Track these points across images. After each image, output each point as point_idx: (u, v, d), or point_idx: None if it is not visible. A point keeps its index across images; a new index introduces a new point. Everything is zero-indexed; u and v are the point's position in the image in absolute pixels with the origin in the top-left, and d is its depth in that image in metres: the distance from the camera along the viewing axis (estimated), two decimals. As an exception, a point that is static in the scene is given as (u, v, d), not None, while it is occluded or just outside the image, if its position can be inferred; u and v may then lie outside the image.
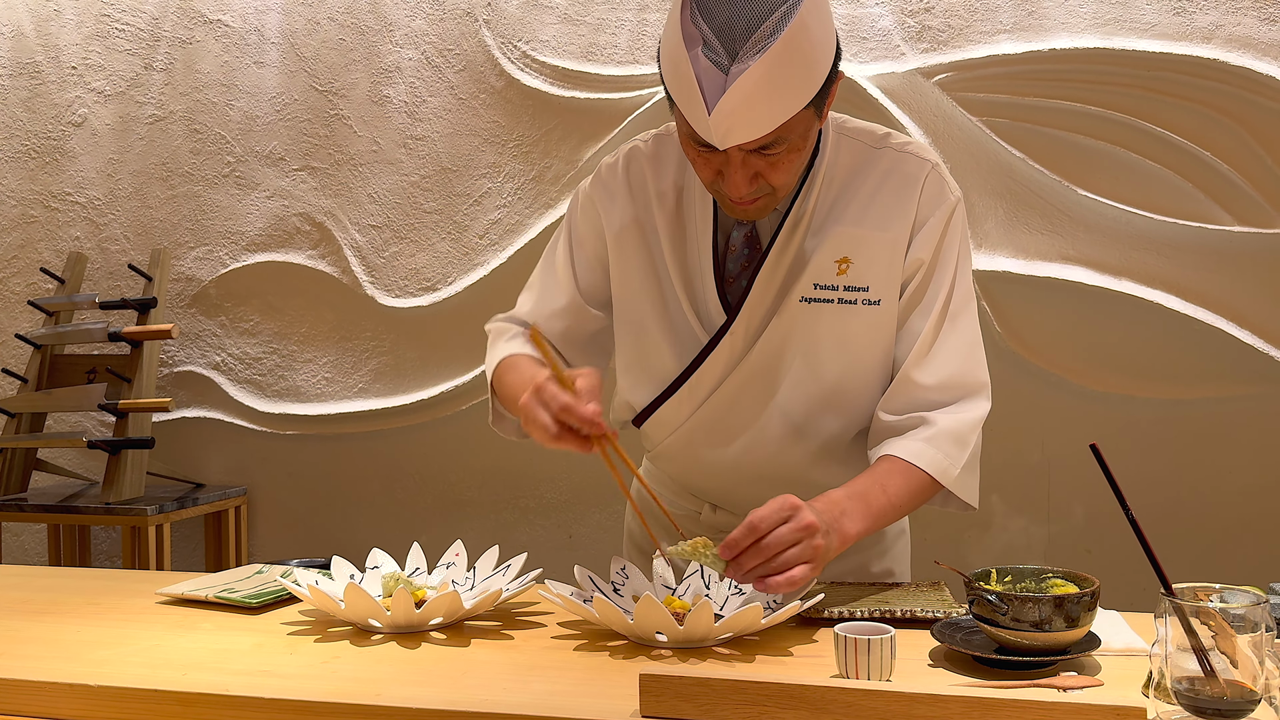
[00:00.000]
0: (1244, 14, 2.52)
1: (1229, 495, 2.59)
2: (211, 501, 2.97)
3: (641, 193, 1.46)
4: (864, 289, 1.38)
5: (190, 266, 3.13)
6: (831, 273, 1.37)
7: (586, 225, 1.50)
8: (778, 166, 1.28)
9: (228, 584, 1.49)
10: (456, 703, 1.04)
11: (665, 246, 1.43)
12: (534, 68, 2.89)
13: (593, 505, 2.92)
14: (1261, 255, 2.54)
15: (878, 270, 1.38)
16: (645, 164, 1.47)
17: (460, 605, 1.29)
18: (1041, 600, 1.09)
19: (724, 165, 1.28)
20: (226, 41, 3.08)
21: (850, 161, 1.40)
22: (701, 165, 1.31)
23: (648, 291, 1.45)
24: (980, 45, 2.64)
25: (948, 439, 1.34)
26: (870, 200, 1.38)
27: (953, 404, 1.37)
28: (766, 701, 0.96)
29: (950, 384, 1.38)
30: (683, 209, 1.44)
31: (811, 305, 1.38)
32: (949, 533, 2.66)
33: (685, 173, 1.44)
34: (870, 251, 1.37)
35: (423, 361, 3.01)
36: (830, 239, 1.37)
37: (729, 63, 1.20)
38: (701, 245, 1.42)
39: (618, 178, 1.47)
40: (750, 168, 1.27)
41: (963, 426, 1.35)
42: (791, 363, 1.40)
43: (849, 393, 1.42)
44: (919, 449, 1.33)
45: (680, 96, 1.25)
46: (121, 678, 1.14)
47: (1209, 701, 0.94)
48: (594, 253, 1.49)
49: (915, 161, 1.39)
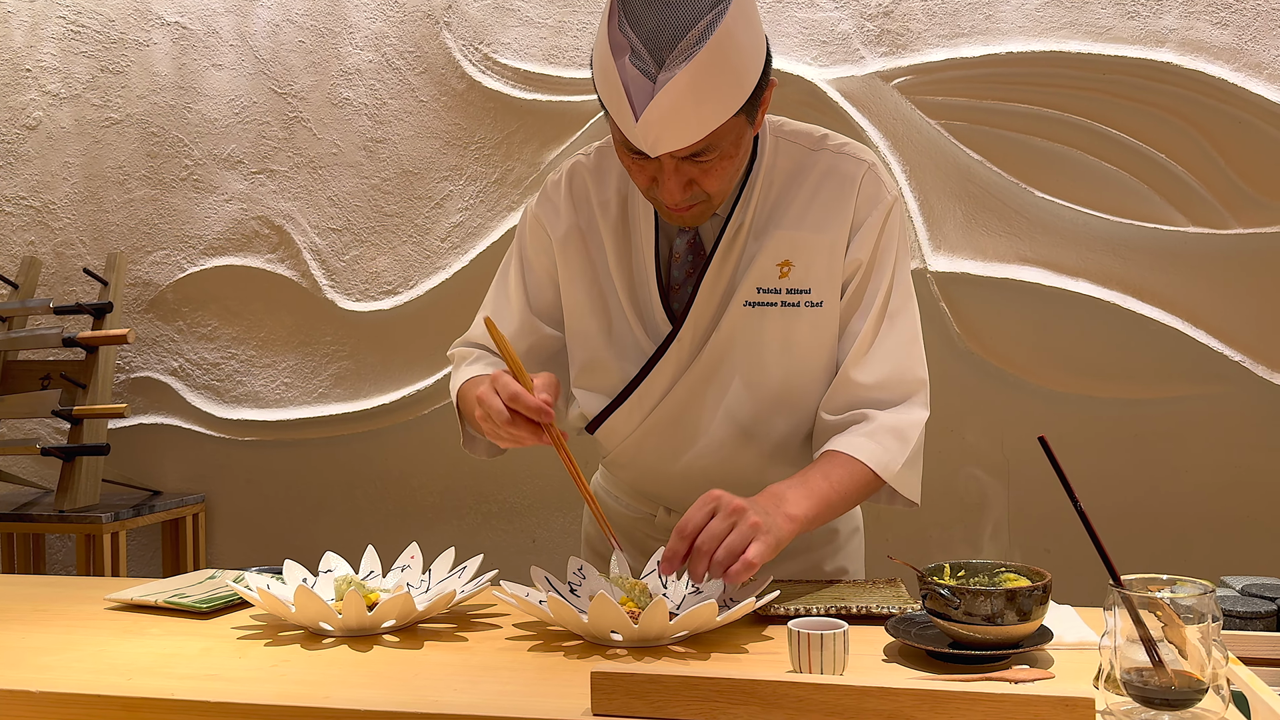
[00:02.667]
0: (1197, 18, 2.55)
1: (1185, 493, 2.62)
2: (169, 509, 2.93)
3: (585, 205, 1.47)
4: (806, 291, 1.38)
5: (147, 271, 3.09)
6: (774, 276, 1.38)
7: (535, 244, 1.51)
8: (710, 174, 1.28)
9: (178, 589, 1.47)
10: (406, 704, 1.03)
11: (610, 256, 1.44)
12: (495, 70, 2.88)
13: (556, 509, 2.90)
14: (1215, 256, 2.57)
15: (818, 272, 1.38)
16: (588, 176, 1.48)
17: (413, 607, 1.27)
18: (993, 594, 1.09)
19: (657, 172, 1.29)
20: (184, 44, 3.04)
21: (788, 165, 1.40)
22: (636, 172, 1.32)
23: (593, 302, 1.46)
24: (939, 49, 2.66)
25: (888, 434, 1.35)
26: (809, 203, 1.39)
27: (894, 403, 1.38)
28: (718, 697, 0.96)
29: (888, 382, 1.38)
30: (627, 218, 1.45)
31: (755, 309, 1.39)
32: (909, 532, 2.67)
33: (627, 182, 1.45)
34: (810, 253, 1.38)
35: (384, 366, 2.98)
36: (771, 242, 1.38)
37: (656, 71, 1.20)
38: (645, 254, 1.42)
39: (561, 192, 1.49)
40: (683, 175, 1.27)
41: (903, 424, 1.37)
42: (738, 367, 1.41)
43: (796, 394, 1.42)
44: (860, 443, 1.34)
45: (611, 104, 1.25)
46: (64, 683, 1.12)
47: (1157, 691, 0.94)
48: (544, 271, 1.50)
49: (852, 162, 1.40)
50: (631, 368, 1.44)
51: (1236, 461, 2.59)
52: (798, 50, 2.72)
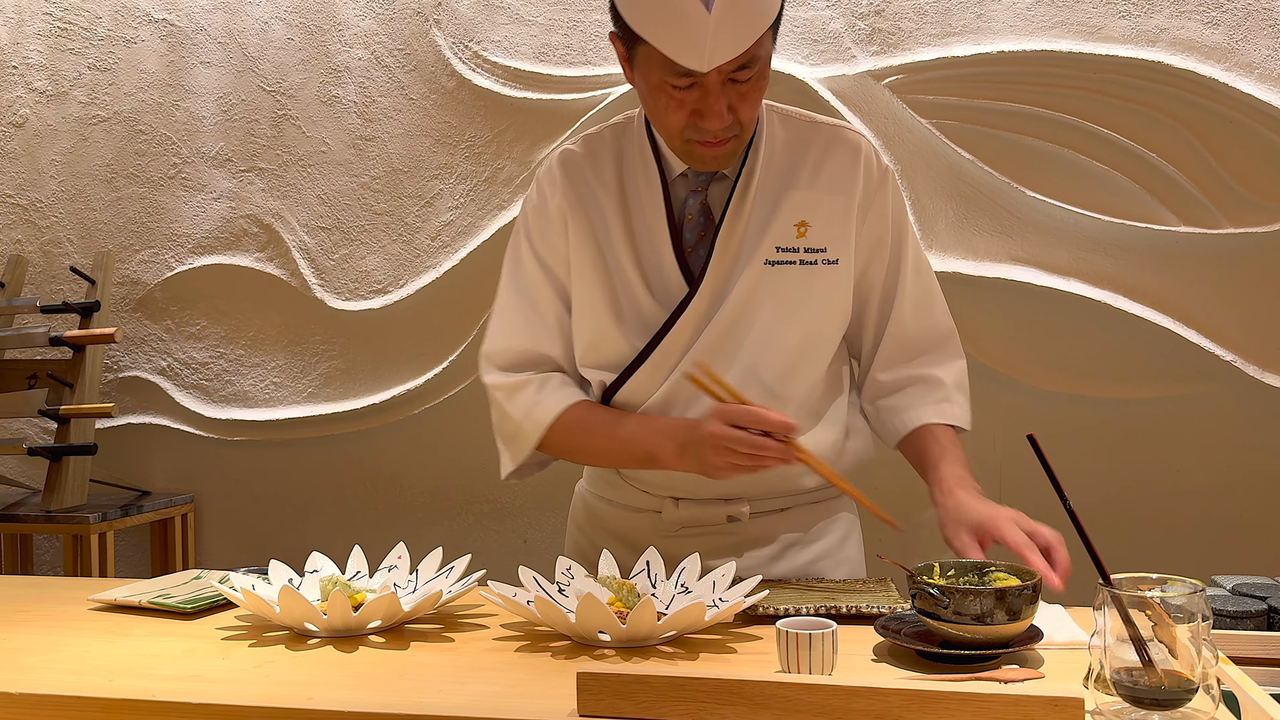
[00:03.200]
0: (1188, 18, 2.55)
1: (1176, 492, 2.62)
2: (157, 509, 2.91)
3: (583, 185, 1.49)
4: (822, 250, 1.45)
5: (135, 270, 3.07)
6: (791, 235, 1.43)
7: (544, 239, 1.50)
8: (747, 98, 1.33)
9: (163, 589, 1.46)
10: (391, 705, 1.02)
11: (614, 229, 1.46)
12: (486, 68, 2.87)
13: (547, 509, 2.89)
14: (1206, 256, 2.57)
15: (834, 231, 1.45)
16: (582, 163, 1.50)
17: (399, 608, 1.26)
18: (983, 593, 1.09)
19: (701, 100, 1.32)
20: (172, 41, 3.03)
21: (788, 135, 1.48)
22: (675, 109, 1.34)
23: (599, 277, 1.46)
24: (930, 48, 2.66)
25: (957, 391, 1.51)
26: (818, 167, 1.46)
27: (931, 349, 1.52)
28: (705, 697, 0.95)
29: (930, 331, 1.52)
30: (626, 193, 1.47)
31: (776, 267, 1.43)
32: (901, 531, 2.66)
33: (623, 163, 1.49)
34: (826, 213, 1.44)
35: (374, 365, 2.97)
36: (787, 204, 1.44)
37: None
38: (655, 222, 1.45)
39: (557, 181, 1.49)
40: (726, 98, 1.32)
41: (961, 378, 1.53)
42: (758, 324, 1.44)
43: (813, 351, 1.48)
44: (946, 409, 1.49)
45: (659, 26, 1.28)
46: (45, 685, 1.11)
47: (1147, 691, 0.94)
48: (561, 266, 1.50)
49: (851, 135, 1.49)
50: (639, 340, 1.45)
51: (1228, 460, 2.59)
52: (789, 49, 2.71)
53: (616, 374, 1.48)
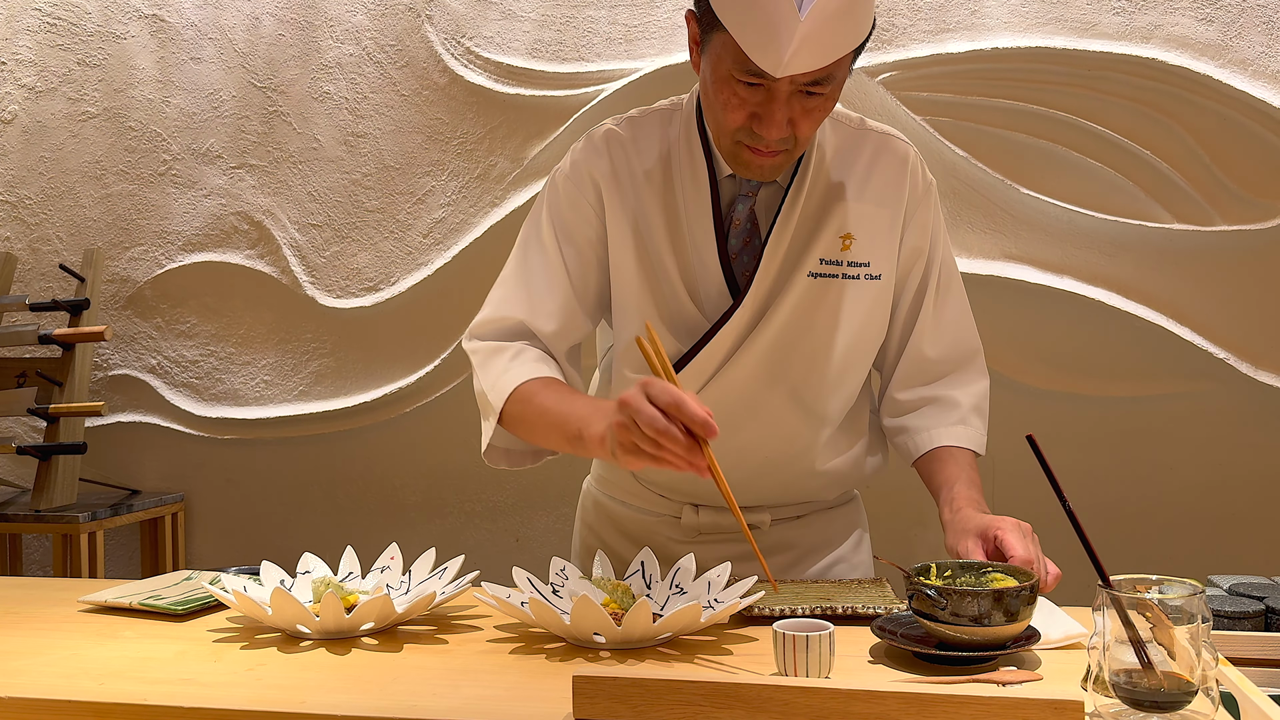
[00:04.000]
0: (1182, 14, 2.55)
1: (1171, 490, 2.62)
2: (147, 508, 2.89)
3: (627, 173, 1.40)
4: (866, 264, 1.40)
5: (125, 267, 3.05)
6: (836, 248, 1.39)
7: (575, 211, 1.40)
8: (812, 113, 1.27)
9: (154, 591, 1.45)
10: (383, 709, 1.01)
11: (659, 228, 1.39)
12: (478, 64, 2.85)
13: (539, 508, 2.88)
14: (1200, 253, 2.57)
15: (878, 246, 1.41)
16: (628, 146, 1.41)
17: (392, 610, 1.25)
18: (980, 595, 1.08)
19: (764, 105, 1.25)
20: (162, 37, 3.00)
21: (837, 141, 1.42)
22: (735, 106, 1.26)
23: (644, 276, 1.39)
24: (924, 44, 2.65)
25: (974, 414, 1.48)
26: (865, 179, 1.41)
27: (956, 371, 1.48)
28: (702, 701, 0.94)
29: (951, 354, 1.48)
30: (674, 189, 1.39)
31: (819, 280, 1.39)
32: (895, 531, 2.67)
33: (669, 153, 1.40)
34: (870, 227, 1.40)
35: (365, 363, 2.96)
36: (833, 215, 1.39)
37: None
38: (701, 225, 1.38)
39: (601, 156, 1.40)
40: (790, 109, 1.26)
41: (980, 401, 1.50)
42: (800, 339, 1.39)
43: (851, 369, 1.45)
44: (961, 432, 1.46)
45: (744, 19, 1.20)
46: (35, 688, 1.10)
47: (1146, 693, 0.93)
48: (589, 246, 1.41)
49: (900, 144, 1.44)
50: (679, 344, 1.39)
51: (1223, 459, 2.59)
52: (783, 45, 2.71)
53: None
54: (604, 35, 2.79)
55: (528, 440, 1.39)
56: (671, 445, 1.11)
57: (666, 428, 1.11)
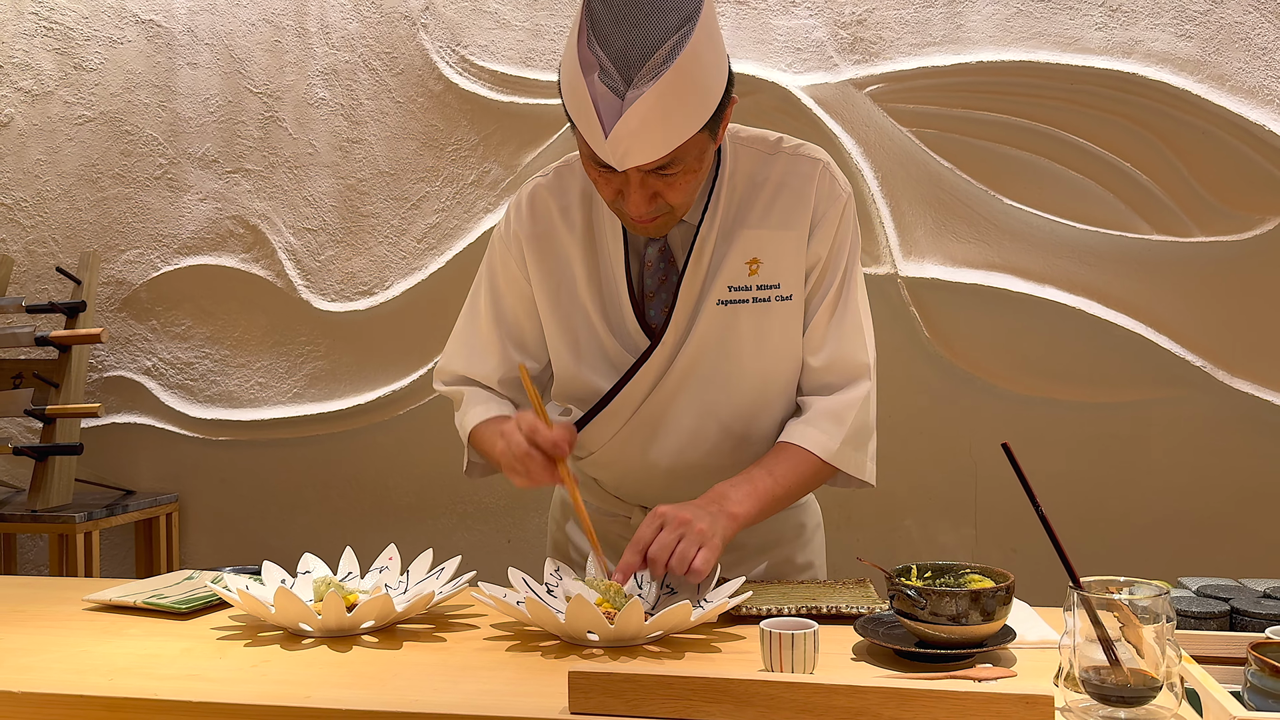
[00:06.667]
0: (1162, 30, 2.61)
1: (1146, 494, 2.67)
2: (142, 509, 2.92)
3: (547, 222, 1.50)
4: (775, 286, 1.44)
5: (121, 270, 3.08)
6: (744, 274, 1.43)
7: (505, 271, 1.54)
8: (674, 186, 1.33)
9: (156, 590, 1.48)
10: (386, 703, 1.05)
11: (579, 272, 1.48)
12: (472, 72, 2.89)
13: (531, 510, 2.92)
14: (1178, 263, 2.63)
15: (786, 266, 1.44)
16: (549, 197, 1.51)
17: (392, 608, 1.29)
18: (958, 595, 1.13)
19: (624, 185, 1.33)
20: (159, 42, 3.03)
21: (748, 168, 1.46)
22: (603, 185, 1.35)
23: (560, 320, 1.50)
24: (911, 57, 2.70)
25: (823, 417, 1.44)
26: (771, 202, 1.44)
27: (840, 386, 1.46)
28: (692, 696, 0.98)
29: (834, 365, 1.46)
30: (593, 234, 1.48)
31: (728, 307, 1.44)
32: (878, 533, 2.72)
33: (591, 200, 1.49)
34: (777, 249, 1.43)
35: (359, 366, 2.99)
36: (739, 242, 1.43)
37: (624, 88, 1.24)
38: (615, 268, 1.46)
39: (523, 215, 1.51)
40: (649, 188, 1.32)
41: (839, 405, 1.45)
42: (715, 365, 1.45)
43: (773, 388, 1.48)
44: (799, 430, 1.44)
45: (579, 119, 1.29)
46: (46, 684, 1.13)
47: (1114, 689, 0.98)
48: (518, 296, 1.53)
49: (808, 162, 1.46)
50: (603, 381, 1.48)
51: (1197, 464, 2.65)
52: (772, 57, 2.75)
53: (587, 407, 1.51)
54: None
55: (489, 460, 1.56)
56: (532, 465, 1.35)
57: (527, 452, 1.35)
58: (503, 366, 1.56)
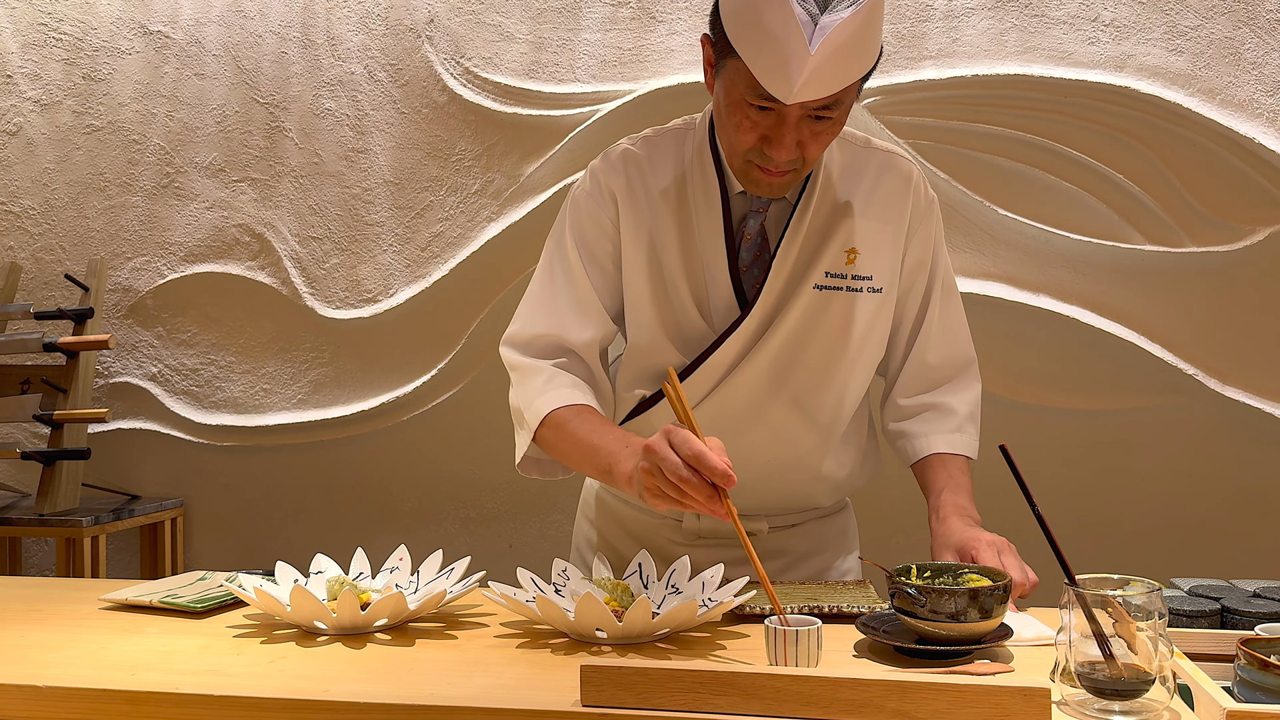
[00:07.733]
0: (1153, 44, 2.66)
1: (1139, 499, 2.71)
2: (147, 513, 2.94)
3: (642, 190, 1.47)
4: (869, 278, 1.46)
5: (127, 277, 3.11)
6: (841, 262, 1.45)
7: (597, 226, 1.47)
8: (821, 136, 1.33)
9: (171, 590, 1.51)
10: (403, 697, 1.08)
11: (672, 242, 1.45)
12: (476, 84, 2.93)
13: (533, 514, 2.95)
14: (1170, 273, 2.67)
15: (881, 260, 1.46)
16: (643, 165, 1.48)
17: (405, 606, 1.32)
18: (957, 593, 1.16)
19: (774, 128, 1.31)
20: (167, 53, 3.07)
21: (843, 159, 1.47)
22: (747, 129, 1.32)
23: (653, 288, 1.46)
24: (907, 71, 2.74)
25: (969, 422, 1.56)
26: (870, 195, 1.46)
27: (952, 378, 1.55)
28: (701, 689, 1.01)
29: (948, 361, 1.56)
30: (687, 201, 1.46)
31: (824, 293, 1.45)
32: (879, 535, 2.74)
33: (684, 169, 1.47)
34: (874, 242, 1.46)
35: (363, 372, 3.02)
36: (839, 230, 1.44)
37: (820, 13, 1.23)
38: (712, 239, 1.44)
39: (617, 170, 1.47)
40: (799, 132, 1.31)
41: (974, 408, 1.58)
42: (805, 349, 1.46)
43: (853, 379, 1.50)
44: (957, 439, 1.54)
45: (757, 47, 1.25)
46: (68, 679, 1.15)
47: (1108, 683, 1.02)
48: (608, 258, 1.48)
49: (904, 162, 1.50)
50: (683, 356, 1.46)
51: (1188, 469, 2.69)
52: (771, 69, 2.79)
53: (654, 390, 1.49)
54: (598, 58, 2.87)
55: (559, 461, 1.49)
56: (694, 493, 1.18)
57: (689, 477, 1.17)
58: (601, 329, 1.48)
